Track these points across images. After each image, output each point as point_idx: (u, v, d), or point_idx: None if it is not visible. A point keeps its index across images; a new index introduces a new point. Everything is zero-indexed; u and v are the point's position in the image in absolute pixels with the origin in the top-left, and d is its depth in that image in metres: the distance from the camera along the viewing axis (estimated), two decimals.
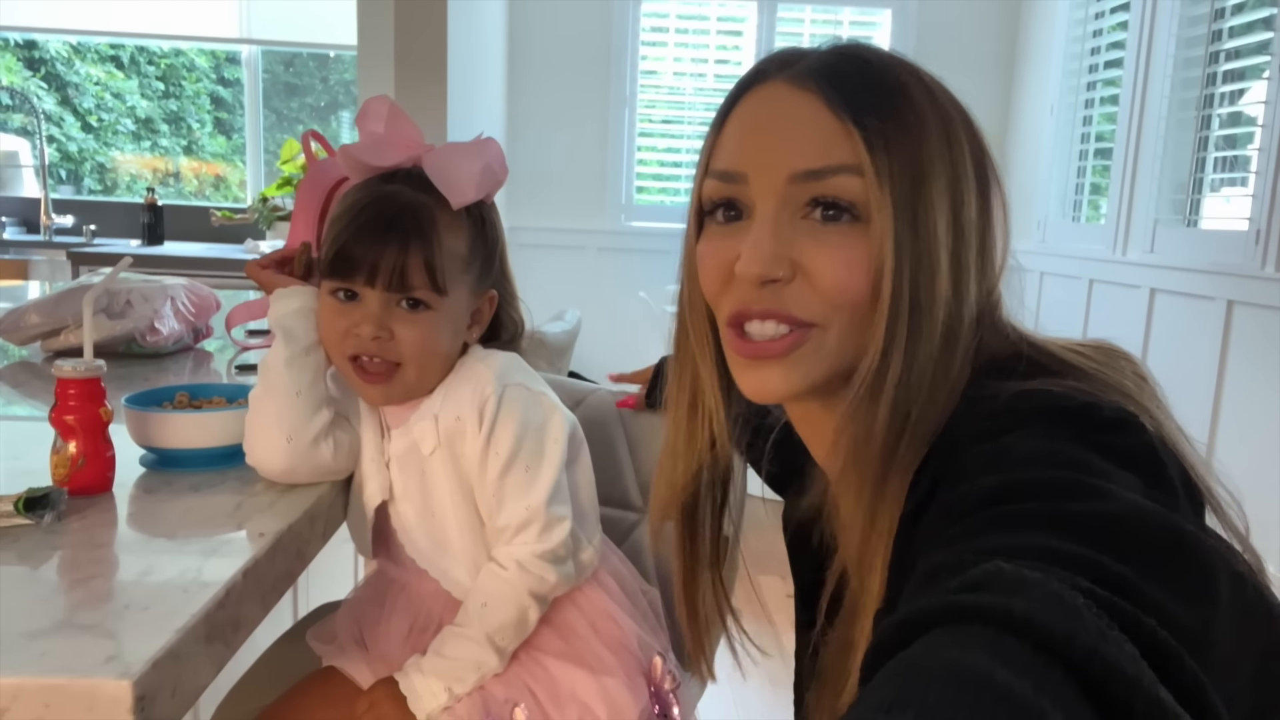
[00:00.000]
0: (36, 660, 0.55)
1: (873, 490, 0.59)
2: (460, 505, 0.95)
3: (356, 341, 0.90)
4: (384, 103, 0.96)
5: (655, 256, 3.86)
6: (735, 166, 0.62)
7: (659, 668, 1.01)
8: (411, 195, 0.91)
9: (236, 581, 0.67)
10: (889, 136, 0.57)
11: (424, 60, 2.68)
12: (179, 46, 4.53)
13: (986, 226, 0.62)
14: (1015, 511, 0.46)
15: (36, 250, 3.61)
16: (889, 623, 0.40)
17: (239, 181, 4.62)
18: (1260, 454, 2.40)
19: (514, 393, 0.95)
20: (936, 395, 0.58)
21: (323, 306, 0.93)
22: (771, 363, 0.61)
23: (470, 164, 0.92)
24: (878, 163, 0.57)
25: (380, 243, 0.89)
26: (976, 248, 0.61)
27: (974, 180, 0.61)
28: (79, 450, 0.81)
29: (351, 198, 0.93)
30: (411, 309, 0.91)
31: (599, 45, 3.89)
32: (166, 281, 1.47)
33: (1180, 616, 0.40)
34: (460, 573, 0.98)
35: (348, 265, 0.89)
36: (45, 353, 1.41)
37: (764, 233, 0.59)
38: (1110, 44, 3.27)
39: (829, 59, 0.62)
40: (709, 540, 0.78)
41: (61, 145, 4.47)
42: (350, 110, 4.67)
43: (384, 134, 0.94)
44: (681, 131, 4.09)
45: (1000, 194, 0.64)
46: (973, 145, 0.62)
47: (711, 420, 0.72)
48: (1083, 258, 3.28)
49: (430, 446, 0.94)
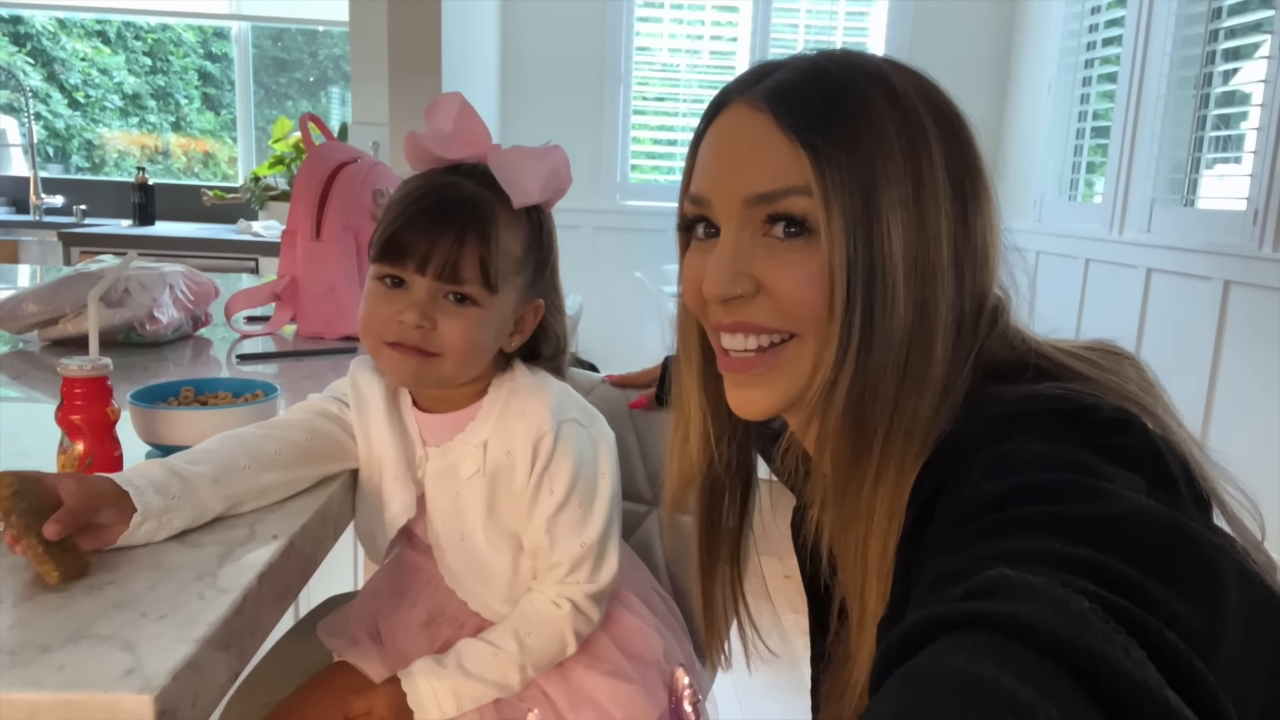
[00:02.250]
0: (55, 674, 0.54)
1: (858, 498, 0.60)
2: (492, 533, 0.94)
3: (399, 329, 0.88)
4: (455, 99, 0.93)
5: (651, 235, 3.84)
6: (700, 191, 0.65)
7: (681, 681, 1.00)
8: (473, 188, 0.90)
9: (253, 587, 0.67)
10: (838, 154, 0.58)
11: (417, 36, 2.65)
12: (168, 22, 4.46)
13: (967, 234, 0.61)
14: (1019, 516, 0.46)
15: (26, 230, 3.57)
16: (895, 632, 0.40)
17: (228, 158, 4.56)
18: (1256, 435, 2.41)
19: (569, 430, 0.93)
20: (908, 401, 0.58)
21: (368, 291, 0.91)
22: (752, 381, 0.65)
23: (537, 165, 0.91)
24: (825, 181, 0.58)
25: (436, 232, 0.87)
26: (951, 256, 0.60)
27: (947, 187, 0.60)
28: (87, 450, 0.80)
29: (410, 185, 0.91)
30: (458, 303, 0.89)
31: (593, 22, 3.84)
32: (165, 269, 1.45)
33: (1187, 616, 0.40)
34: (489, 596, 0.97)
35: (399, 252, 0.87)
36: (42, 341, 1.40)
37: (724, 254, 0.63)
38: (1108, 21, 3.25)
39: (787, 77, 0.63)
40: (728, 538, 0.79)
41: (49, 122, 4.41)
42: (340, 85, 4.61)
43: (451, 131, 0.92)
44: (676, 109, 4.06)
45: (988, 198, 0.63)
46: (950, 152, 0.61)
47: (689, 425, 0.75)
48: (1079, 237, 3.27)
49: (469, 472, 0.93)
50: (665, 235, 3.87)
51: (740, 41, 3.95)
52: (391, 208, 0.90)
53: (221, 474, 0.78)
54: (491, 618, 0.97)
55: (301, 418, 0.93)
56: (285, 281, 1.49)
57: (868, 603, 0.61)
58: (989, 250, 0.63)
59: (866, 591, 0.61)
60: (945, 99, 0.63)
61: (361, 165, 1.49)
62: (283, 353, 1.42)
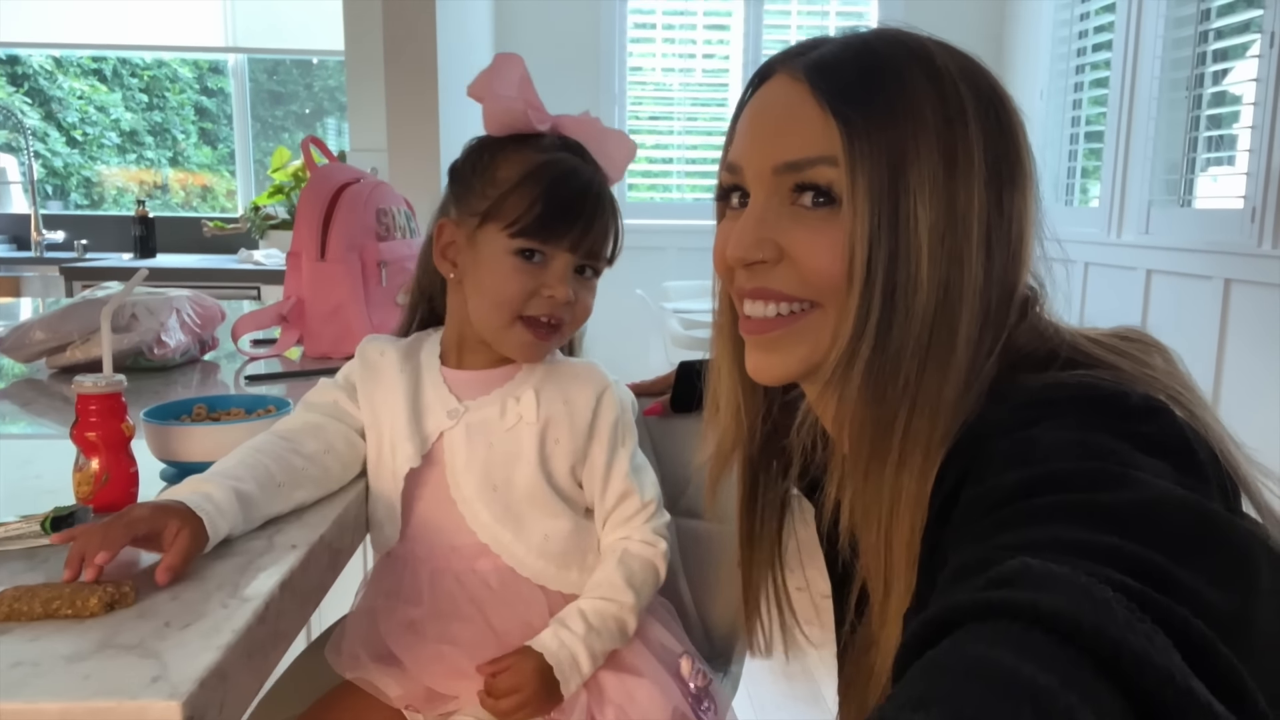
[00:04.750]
0: (81, 684, 0.54)
1: (880, 481, 0.60)
2: (535, 478, 0.95)
3: (549, 304, 0.92)
4: (517, 64, 0.96)
5: (651, 253, 3.86)
6: (734, 158, 0.66)
7: (688, 667, 1.00)
8: (595, 169, 0.97)
9: (275, 595, 0.66)
10: (869, 127, 0.58)
11: (413, 63, 2.67)
12: (163, 57, 4.49)
13: (1000, 219, 0.60)
14: (1044, 504, 0.45)
15: (28, 267, 3.58)
16: (919, 621, 0.40)
17: (226, 191, 4.58)
18: (1263, 431, 2.41)
19: (619, 387, 1.01)
20: (930, 383, 0.58)
21: (501, 265, 0.92)
22: (771, 344, 0.65)
23: (620, 144, 1.01)
24: (853, 152, 0.58)
25: (590, 211, 0.92)
26: (981, 239, 0.59)
27: (983, 170, 0.59)
28: (102, 466, 0.80)
29: (534, 161, 0.93)
30: (581, 275, 0.95)
31: (586, 44, 3.88)
32: (171, 293, 1.45)
33: (1215, 603, 0.40)
34: (521, 548, 0.96)
35: (553, 231, 0.91)
36: (50, 369, 1.39)
37: (750, 220, 0.63)
38: (1098, 27, 3.28)
39: (832, 49, 0.63)
40: (769, 518, 0.80)
41: (47, 161, 4.43)
42: (336, 116, 4.64)
43: (517, 98, 0.95)
44: (671, 128, 4.08)
45: (1026, 187, 0.63)
46: (991, 134, 0.60)
47: (721, 396, 0.75)
48: (1077, 241, 3.28)
49: (513, 421, 0.95)
50: (665, 253, 3.90)
51: (733, 60, 3.98)
52: (528, 184, 0.91)
53: (264, 492, 0.80)
54: (521, 569, 0.96)
55: (315, 421, 0.93)
56: (291, 303, 1.49)
57: (891, 587, 0.60)
58: (1023, 238, 0.62)
59: (891, 576, 0.60)
60: (991, 82, 0.62)
61: (364, 185, 1.50)
62: (290, 373, 1.42)
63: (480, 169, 0.94)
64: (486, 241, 0.92)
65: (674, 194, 4.13)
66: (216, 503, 0.74)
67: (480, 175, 0.94)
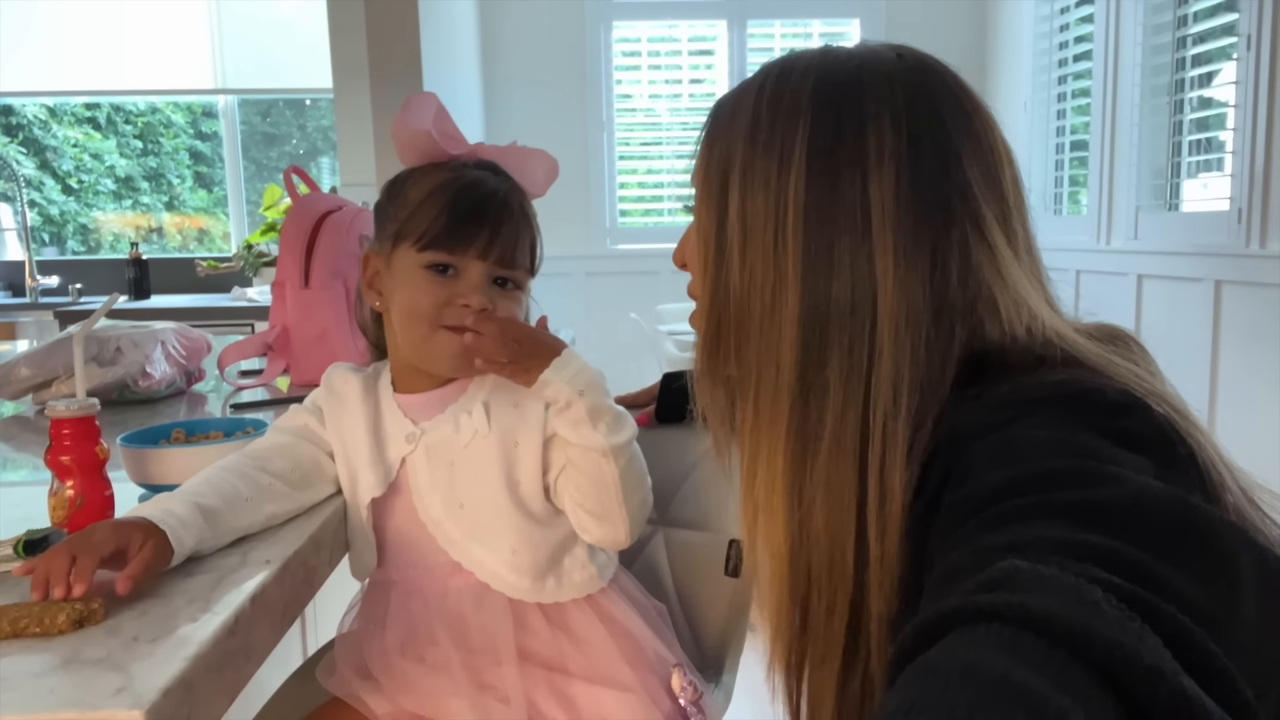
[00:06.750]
0: (45, 696, 0.54)
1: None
2: (499, 492, 0.94)
3: (462, 313, 0.91)
4: (431, 100, 0.98)
5: (643, 278, 3.87)
6: None
7: (678, 680, 0.99)
8: (506, 180, 0.98)
9: (245, 608, 0.66)
10: (710, 141, 0.66)
11: (400, 99, 2.69)
12: (155, 102, 4.54)
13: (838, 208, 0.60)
14: (1028, 504, 0.45)
15: (23, 312, 3.60)
16: (910, 626, 0.40)
17: (222, 234, 4.61)
18: (1260, 431, 2.40)
19: None
20: (763, 360, 0.61)
21: (412, 280, 0.93)
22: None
23: (540, 161, 1.01)
24: (697, 166, 0.66)
25: (495, 218, 0.93)
26: (825, 240, 0.59)
27: (802, 164, 0.60)
28: (77, 490, 0.80)
29: (440, 178, 0.94)
30: (503, 287, 0.95)
31: (573, 72, 3.91)
32: (156, 326, 1.46)
33: (1201, 600, 0.40)
34: (495, 562, 0.96)
35: (458, 238, 0.92)
36: (36, 405, 1.40)
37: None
38: (1078, 38, 3.31)
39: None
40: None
41: (43, 209, 4.46)
42: (330, 155, 4.67)
43: (433, 130, 0.96)
44: (660, 153, 4.11)
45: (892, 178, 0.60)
46: (815, 132, 0.60)
47: None
48: (1067, 249, 3.29)
49: (468, 437, 0.95)
50: (658, 277, 3.91)
51: (719, 84, 4.01)
52: (433, 199, 0.93)
53: (230, 507, 0.80)
54: (494, 584, 0.95)
55: (284, 441, 0.94)
56: (276, 331, 1.49)
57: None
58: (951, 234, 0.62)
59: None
60: (839, 88, 0.63)
61: (346, 213, 1.51)
62: (277, 400, 1.43)
63: (394, 196, 0.97)
64: (400, 262, 0.94)
65: (665, 218, 4.15)
66: (179, 516, 0.74)
67: (393, 201, 0.96)
